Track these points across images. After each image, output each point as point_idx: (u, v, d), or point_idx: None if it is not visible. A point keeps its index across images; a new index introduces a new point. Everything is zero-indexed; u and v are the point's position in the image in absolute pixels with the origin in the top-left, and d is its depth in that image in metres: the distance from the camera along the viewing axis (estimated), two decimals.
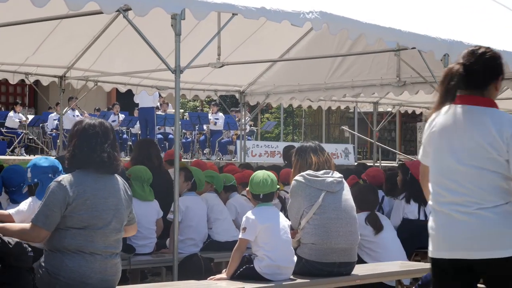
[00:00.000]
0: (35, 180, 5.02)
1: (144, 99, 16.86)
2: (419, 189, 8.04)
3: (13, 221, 4.78)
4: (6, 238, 4.17)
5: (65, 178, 4.44)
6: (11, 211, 4.92)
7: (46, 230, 4.37)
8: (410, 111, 15.58)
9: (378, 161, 17.18)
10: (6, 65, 10.17)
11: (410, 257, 7.34)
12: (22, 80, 10.67)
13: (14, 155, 16.64)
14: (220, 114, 19.82)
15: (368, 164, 12.89)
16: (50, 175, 4.95)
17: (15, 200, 5.63)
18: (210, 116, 19.72)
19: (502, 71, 3.63)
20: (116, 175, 4.61)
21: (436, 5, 8.55)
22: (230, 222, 7.22)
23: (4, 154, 16.70)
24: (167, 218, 6.76)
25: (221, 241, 6.99)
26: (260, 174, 5.41)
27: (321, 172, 5.63)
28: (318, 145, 5.85)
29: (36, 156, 14.79)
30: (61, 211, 4.35)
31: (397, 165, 19.79)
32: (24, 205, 4.97)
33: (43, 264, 4.42)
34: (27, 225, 4.47)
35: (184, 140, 19.33)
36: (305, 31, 10.31)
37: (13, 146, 17.66)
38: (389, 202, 8.41)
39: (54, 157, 5.67)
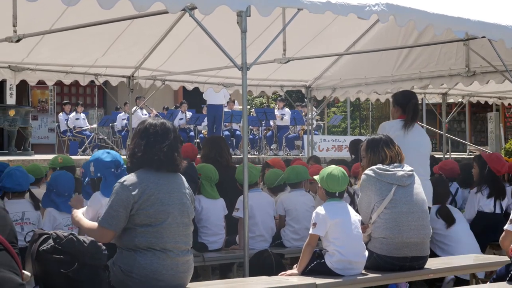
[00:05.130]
0: (98, 174, 5.00)
1: (214, 96, 16.97)
2: (498, 183, 7.92)
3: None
4: (81, 237, 4.25)
5: (128, 178, 4.51)
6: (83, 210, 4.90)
7: (112, 231, 4.44)
8: (480, 101, 15.24)
9: (448, 153, 16.88)
10: (77, 67, 10.37)
11: (484, 250, 7.19)
12: (92, 81, 10.86)
13: (85, 155, 17.00)
14: (286, 110, 19.80)
15: (437, 156, 12.67)
16: (112, 169, 4.97)
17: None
18: (276, 111, 19.71)
19: None
20: (179, 173, 4.65)
21: None
22: None
23: (75, 154, 17.08)
24: (232, 215, 6.79)
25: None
26: (336, 172, 5.33)
27: (392, 165, 5.57)
28: (389, 137, 5.78)
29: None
30: (126, 211, 4.42)
31: (467, 156, 19.46)
32: (89, 202, 4.98)
33: (116, 262, 4.49)
34: (95, 225, 4.56)
35: (251, 137, 19.40)
36: (370, 24, 10.20)
37: (84, 146, 18.05)
38: (462, 194, 8.26)
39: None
